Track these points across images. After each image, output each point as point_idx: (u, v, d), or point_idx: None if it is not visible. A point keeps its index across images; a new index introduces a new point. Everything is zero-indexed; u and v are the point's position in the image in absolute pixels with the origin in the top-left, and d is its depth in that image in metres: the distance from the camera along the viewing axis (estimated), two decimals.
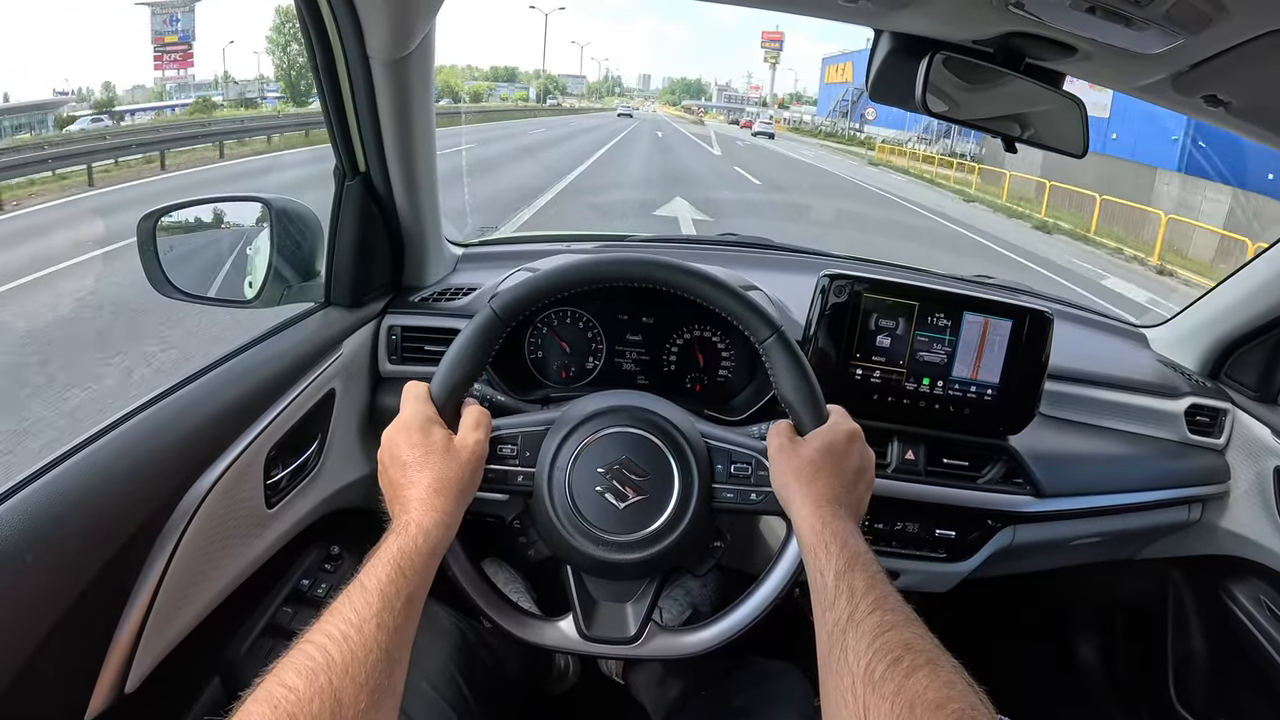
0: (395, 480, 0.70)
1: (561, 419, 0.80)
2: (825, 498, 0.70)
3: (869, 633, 0.57)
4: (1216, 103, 0.87)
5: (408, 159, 1.02)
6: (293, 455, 0.98)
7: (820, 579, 0.64)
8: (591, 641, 0.79)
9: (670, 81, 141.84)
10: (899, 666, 0.53)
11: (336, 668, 0.52)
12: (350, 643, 0.54)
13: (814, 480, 0.71)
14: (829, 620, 0.60)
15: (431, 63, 0.97)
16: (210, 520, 0.82)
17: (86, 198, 9.45)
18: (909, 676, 0.53)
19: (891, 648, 0.55)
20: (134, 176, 11.09)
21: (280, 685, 0.50)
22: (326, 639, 0.54)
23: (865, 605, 0.59)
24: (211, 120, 17.99)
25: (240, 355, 0.95)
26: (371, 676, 0.53)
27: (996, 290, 1.42)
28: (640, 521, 0.76)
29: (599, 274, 0.80)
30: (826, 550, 0.65)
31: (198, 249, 1.11)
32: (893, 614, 0.59)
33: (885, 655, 0.54)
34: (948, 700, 0.51)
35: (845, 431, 0.76)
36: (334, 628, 0.55)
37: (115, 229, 6.64)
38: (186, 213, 1.09)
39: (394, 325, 1.14)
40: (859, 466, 0.75)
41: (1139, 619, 1.53)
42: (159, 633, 0.77)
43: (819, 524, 0.67)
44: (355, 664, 0.53)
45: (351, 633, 0.55)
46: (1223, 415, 1.32)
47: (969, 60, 0.89)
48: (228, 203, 1.11)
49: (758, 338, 0.79)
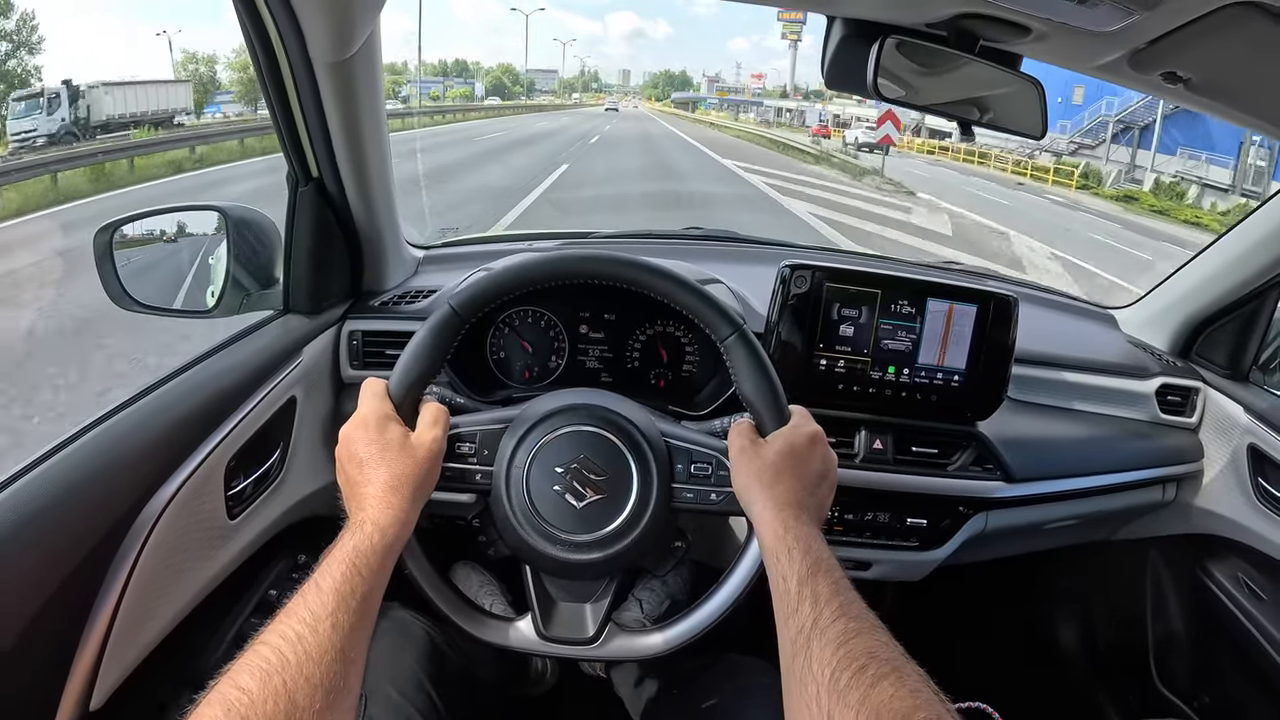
0: (352, 478, 0.69)
1: (520, 417, 0.78)
2: (787, 501, 0.67)
3: (833, 640, 0.55)
4: (1175, 79, 0.84)
5: (359, 163, 0.99)
6: (254, 465, 0.95)
7: (783, 585, 0.61)
8: (549, 642, 0.78)
9: (652, 75, 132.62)
10: (864, 675, 0.51)
11: (291, 668, 0.51)
12: (305, 643, 0.53)
13: (775, 483, 0.69)
14: (792, 627, 0.58)
15: (378, 64, 0.93)
16: (171, 532, 0.79)
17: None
18: (874, 685, 0.51)
19: (856, 656, 0.53)
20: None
21: (234, 687, 0.49)
22: (281, 640, 0.53)
23: (829, 612, 0.57)
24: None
25: (197, 366, 0.92)
26: (327, 677, 0.52)
27: (962, 276, 1.39)
28: (598, 521, 0.74)
29: (556, 271, 0.77)
30: (789, 555, 0.62)
31: (156, 260, 1.08)
32: (857, 621, 0.57)
33: (850, 664, 0.52)
34: (914, 709, 0.49)
35: (807, 434, 0.73)
36: (288, 628, 0.54)
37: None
38: (144, 225, 1.06)
39: (355, 330, 1.11)
40: (821, 470, 0.72)
41: (1118, 600, 1.50)
42: (124, 648, 0.75)
43: (781, 528, 0.65)
44: (310, 664, 0.52)
45: (306, 633, 0.53)
46: (1194, 394, 1.29)
47: (923, 44, 0.86)
48: (184, 212, 1.07)
49: (718, 335, 0.76)
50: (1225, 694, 1.31)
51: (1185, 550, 1.36)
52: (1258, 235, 1.17)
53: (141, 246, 1.06)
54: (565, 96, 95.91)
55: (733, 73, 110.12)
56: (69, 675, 0.69)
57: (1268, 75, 0.79)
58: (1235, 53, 0.74)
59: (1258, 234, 1.17)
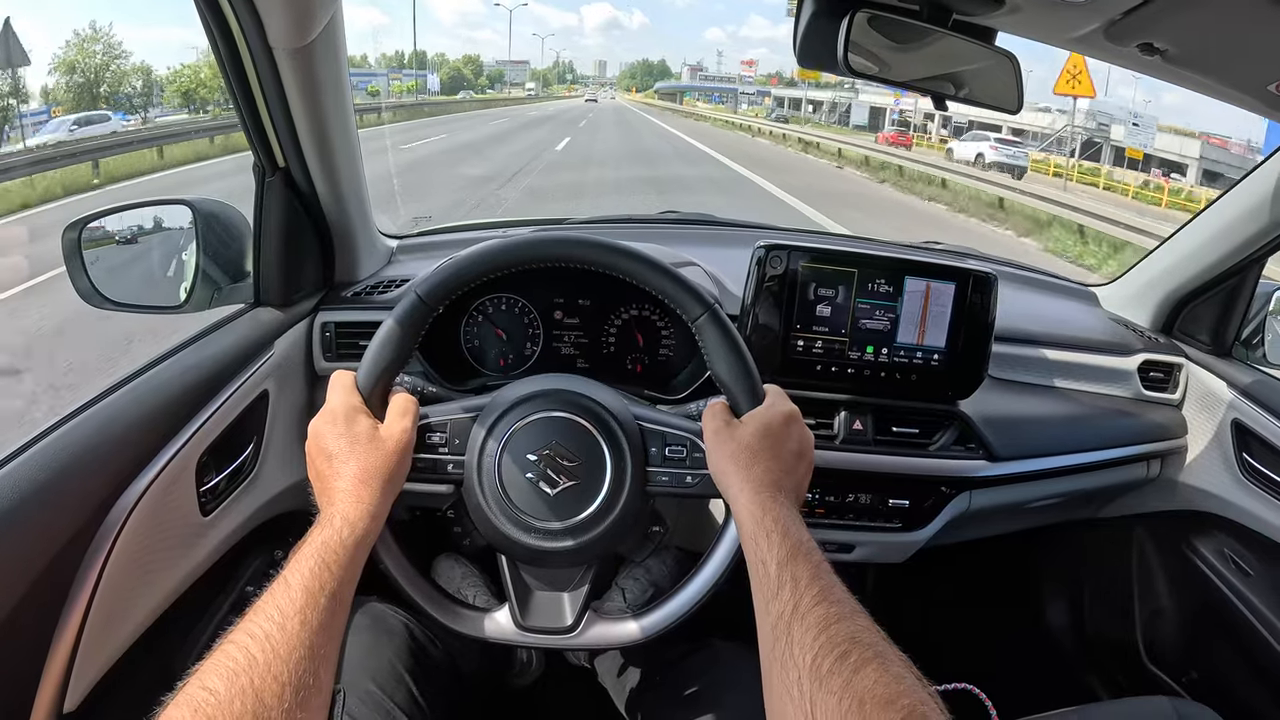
0: (321, 472, 0.68)
1: (490, 405, 0.76)
2: (764, 483, 0.66)
3: (814, 625, 0.53)
4: (1153, 51, 0.81)
5: (325, 151, 0.96)
6: (227, 460, 0.93)
7: (762, 569, 0.60)
8: (527, 632, 0.76)
9: (629, 65, 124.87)
10: (846, 661, 0.50)
11: (259, 667, 0.50)
12: (273, 641, 0.52)
13: (752, 465, 0.67)
14: (773, 612, 0.57)
15: (340, 50, 0.90)
16: (142, 530, 0.77)
17: None
18: (857, 671, 0.49)
19: (838, 641, 0.52)
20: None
21: (201, 688, 0.48)
22: (249, 638, 0.52)
23: (810, 597, 0.56)
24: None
25: (166, 361, 0.90)
26: (295, 675, 0.51)
27: (942, 255, 1.37)
28: (572, 508, 0.73)
29: (522, 255, 0.76)
30: (768, 539, 0.61)
31: (125, 256, 1.05)
32: (838, 606, 0.55)
33: (832, 649, 0.51)
34: (898, 695, 0.48)
35: (783, 413, 0.71)
36: (257, 626, 0.53)
37: None
38: (112, 221, 1.03)
39: (327, 322, 1.08)
40: (798, 450, 0.71)
41: (1105, 579, 1.48)
42: (97, 648, 0.73)
43: (759, 510, 0.63)
44: (278, 662, 0.51)
45: (274, 631, 0.52)
46: (1177, 370, 1.27)
47: (895, 18, 0.83)
48: (152, 207, 1.05)
49: (689, 316, 0.75)
50: (1213, 670, 1.30)
51: (1171, 527, 1.35)
52: (1239, 210, 1.15)
53: (112, 244, 1.05)
54: (506, 92, 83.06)
55: (714, 61, 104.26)
56: (42, 676, 0.68)
57: (1247, 45, 0.76)
58: (1214, 21, 0.72)
59: (1239, 208, 1.15)
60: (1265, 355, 1.23)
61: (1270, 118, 0.91)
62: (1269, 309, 1.23)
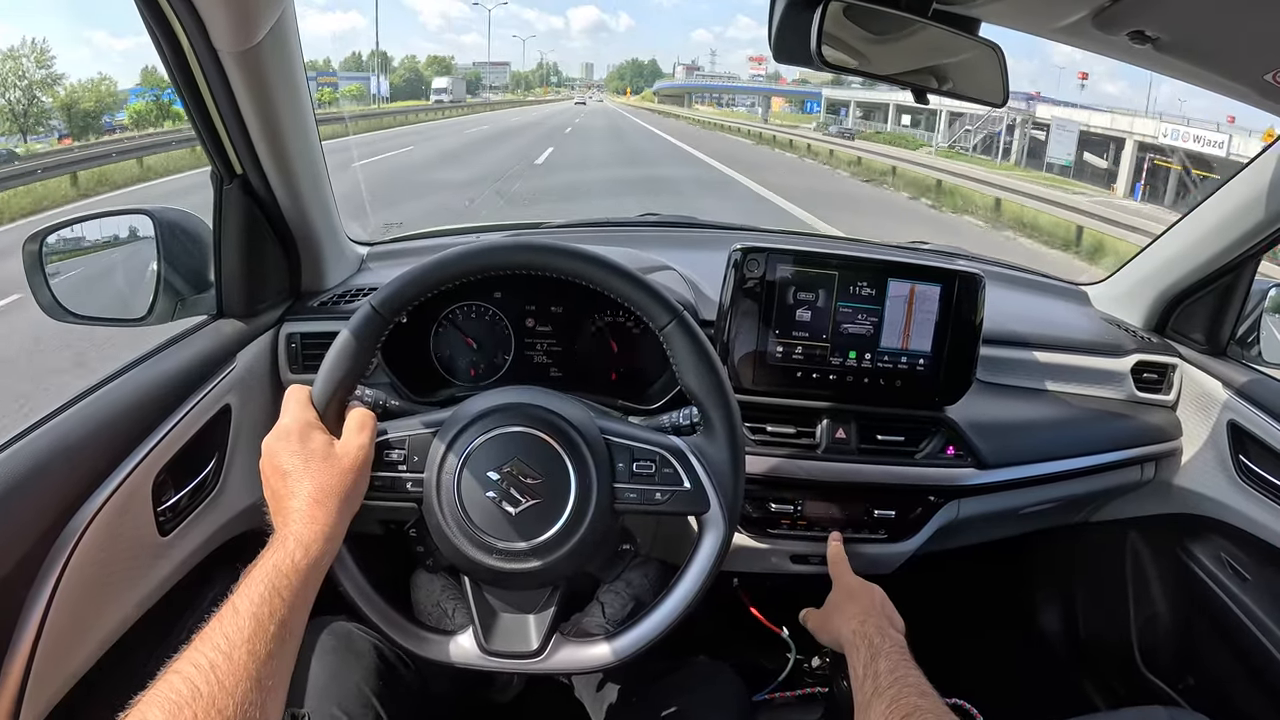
0: (276, 491, 0.65)
1: (450, 420, 0.71)
2: (857, 614, 0.84)
3: (888, 698, 0.70)
4: (1143, 39, 0.76)
5: (282, 156, 0.91)
6: (187, 477, 0.88)
7: (855, 669, 0.78)
8: (492, 656, 0.71)
9: (617, 67, 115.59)
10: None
11: (202, 699, 0.48)
12: (218, 672, 0.49)
13: (847, 610, 0.87)
14: (861, 695, 0.74)
15: (292, 51, 0.85)
16: (97, 551, 0.73)
17: None
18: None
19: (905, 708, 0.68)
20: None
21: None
22: (193, 668, 0.49)
23: (887, 681, 0.72)
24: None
25: (122, 376, 0.85)
26: (240, 708, 0.49)
27: (927, 255, 1.31)
28: (535, 528, 0.68)
29: (479, 263, 0.72)
30: (855, 650, 0.80)
31: (87, 268, 1.01)
32: (908, 687, 0.71)
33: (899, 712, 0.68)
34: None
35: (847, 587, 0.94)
36: (202, 656, 0.50)
37: None
38: (74, 232, 0.99)
39: (293, 333, 1.03)
40: (878, 601, 0.89)
41: (1098, 584, 1.43)
42: (50, 676, 0.69)
43: (850, 632, 0.83)
44: (223, 695, 0.48)
45: (220, 660, 0.50)
46: (1171, 371, 1.22)
47: (872, 8, 0.78)
48: (113, 217, 1.00)
49: (656, 324, 0.70)
50: (1210, 676, 1.25)
51: (1166, 531, 1.29)
52: (1232, 206, 1.10)
53: (75, 256, 1.00)
54: (522, 92, 75.82)
55: (708, 61, 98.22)
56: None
57: (1243, 32, 0.71)
58: (1210, 6, 0.68)
59: (1232, 205, 1.10)
60: (1261, 354, 1.18)
61: (1267, 109, 0.85)
62: (1264, 306, 1.19)
